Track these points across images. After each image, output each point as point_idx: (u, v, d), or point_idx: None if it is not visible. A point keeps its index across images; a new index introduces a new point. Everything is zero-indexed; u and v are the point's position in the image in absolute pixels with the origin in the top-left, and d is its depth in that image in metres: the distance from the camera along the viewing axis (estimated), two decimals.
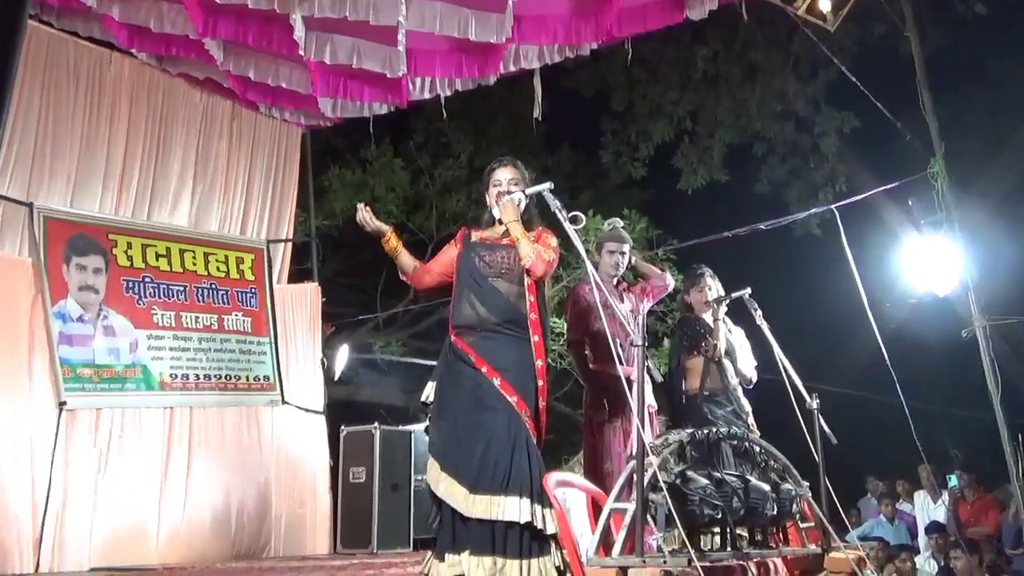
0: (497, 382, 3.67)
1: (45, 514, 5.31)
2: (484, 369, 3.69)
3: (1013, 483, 5.87)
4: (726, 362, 5.33)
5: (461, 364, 3.76)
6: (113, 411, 5.89)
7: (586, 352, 4.97)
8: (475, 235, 4.01)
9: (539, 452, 3.72)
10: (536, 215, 4.02)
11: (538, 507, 3.52)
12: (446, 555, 3.57)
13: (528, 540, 3.51)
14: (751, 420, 5.31)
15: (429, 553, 3.72)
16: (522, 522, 3.48)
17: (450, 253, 4.02)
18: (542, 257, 3.80)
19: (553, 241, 3.95)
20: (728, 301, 5.33)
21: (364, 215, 3.97)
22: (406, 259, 4.07)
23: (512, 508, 3.49)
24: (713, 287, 5.47)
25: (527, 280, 3.82)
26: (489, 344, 3.74)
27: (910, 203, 6.49)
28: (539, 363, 3.77)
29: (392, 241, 4.02)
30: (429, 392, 3.88)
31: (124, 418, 5.94)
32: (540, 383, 3.77)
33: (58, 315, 5.71)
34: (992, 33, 10.70)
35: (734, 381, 5.34)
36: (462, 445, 3.64)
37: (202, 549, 6.08)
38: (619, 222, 5.44)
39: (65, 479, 5.50)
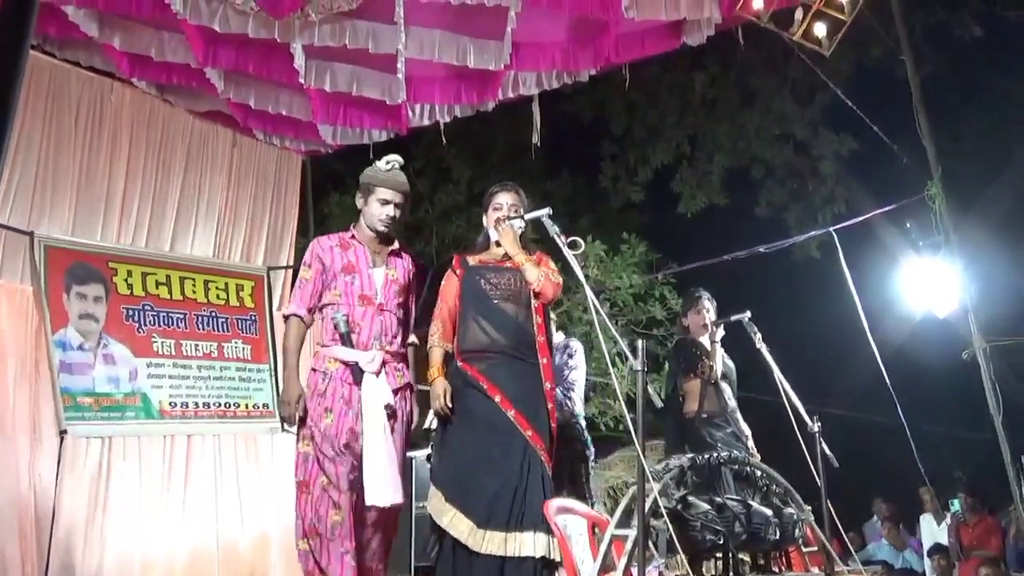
0: (511, 414, 3.66)
1: (50, 544, 5.28)
2: (497, 399, 3.68)
3: (1017, 504, 5.84)
4: (724, 384, 5.33)
5: (471, 391, 3.74)
6: (113, 439, 5.88)
7: None
8: (472, 259, 4.02)
9: (551, 482, 3.72)
10: (529, 242, 4.04)
11: (552, 539, 3.52)
12: None
13: (540, 570, 3.51)
14: (751, 443, 5.30)
15: None
16: (537, 556, 3.48)
17: (452, 284, 4.02)
18: (551, 280, 3.83)
19: (552, 265, 3.97)
20: (727, 323, 5.34)
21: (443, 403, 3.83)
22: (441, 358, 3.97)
23: (528, 544, 3.48)
24: (711, 310, 5.49)
25: (534, 303, 3.84)
26: (500, 371, 3.74)
27: (908, 225, 6.51)
28: (548, 386, 3.80)
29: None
30: (432, 419, 3.88)
31: (124, 446, 5.93)
32: (550, 406, 3.79)
33: (58, 344, 5.71)
34: (988, 55, 10.77)
35: (732, 403, 5.34)
36: (471, 477, 3.62)
37: None
38: (398, 160, 4.15)
39: (67, 509, 5.48)
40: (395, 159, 4.06)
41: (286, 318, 4.01)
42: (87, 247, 6.07)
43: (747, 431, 5.39)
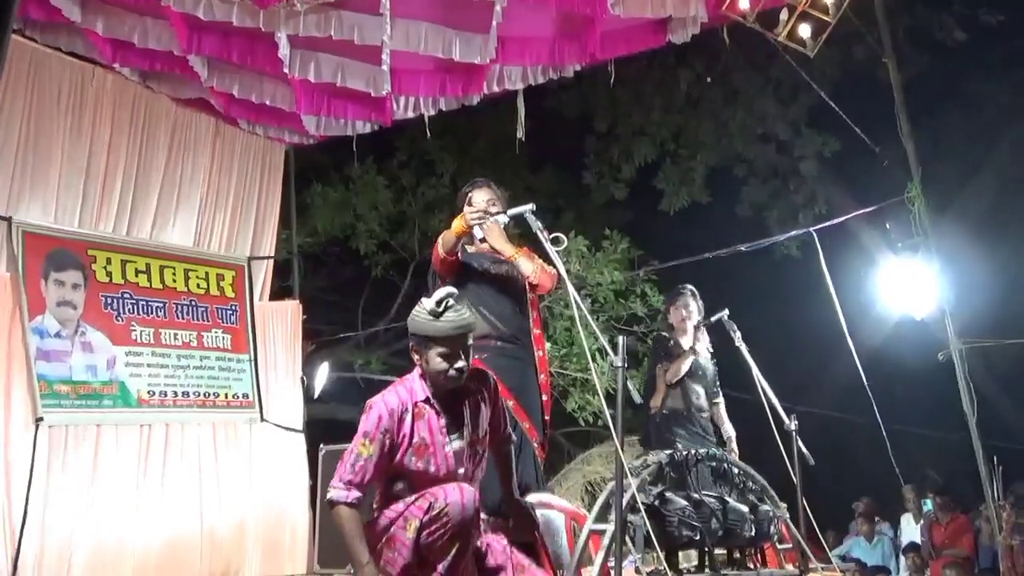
0: (511, 405, 3.69)
1: (22, 532, 5.24)
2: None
3: (989, 505, 5.91)
4: (693, 384, 5.35)
5: None
6: (90, 428, 5.84)
7: None
8: (469, 248, 4.04)
9: (543, 474, 3.76)
10: (513, 237, 4.06)
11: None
12: None
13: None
14: (733, 445, 5.33)
15: None
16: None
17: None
18: (545, 270, 3.87)
19: (538, 259, 4.00)
20: (707, 324, 5.37)
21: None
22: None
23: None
24: (692, 306, 5.51)
25: (529, 295, 3.88)
26: (500, 362, 3.77)
27: (888, 226, 6.56)
28: (542, 377, 3.85)
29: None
30: None
31: (101, 435, 5.89)
32: (544, 398, 3.84)
33: (35, 331, 5.66)
34: (970, 59, 10.86)
35: (700, 402, 5.35)
36: None
37: (178, 568, 6.02)
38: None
39: (41, 496, 5.43)
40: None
41: None
42: (66, 234, 6.01)
43: (731, 432, 5.42)
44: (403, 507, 2.94)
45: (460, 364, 3.01)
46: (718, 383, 5.59)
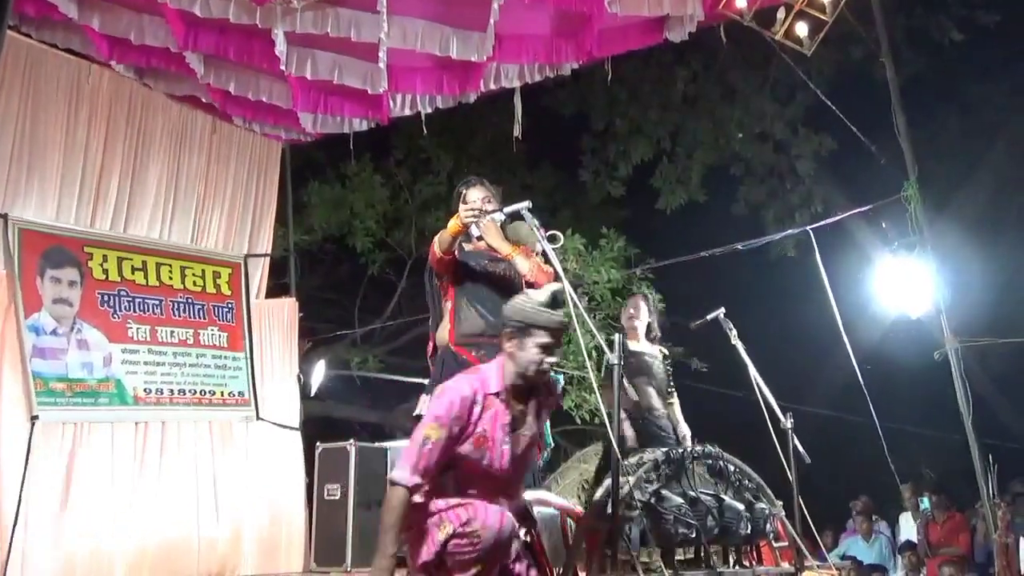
0: None
1: (14, 529, 5.23)
2: None
3: (984, 503, 5.92)
4: (644, 386, 5.34)
5: None
6: (86, 426, 5.83)
7: None
8: (466, 246, 4.03)
9: (540, 472, 3.76)
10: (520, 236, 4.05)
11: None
12: None
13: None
14: (688, 443, 5.31)
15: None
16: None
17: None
18: (542, 269, 3.87)
19: (536, 256, 4.00)
20: (703, 323, 5.36)
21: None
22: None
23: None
24: (642, 308, 5.50)
25: None
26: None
27: (884, 225, 6.57)
28: None
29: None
30: (424, 405, 3.89)
31: (97, 433, 5.88)
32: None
33: (31, 328, 5.65)
34: (966, 59, 10.88)
35: (649, 403, 5.33)
36: None
37: (174, 565, 6.02)
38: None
39: (36, 494, 5.42)
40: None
41: None
42: (62, 231, 6.00)
43: (686, 431, 5.39)
44: (445, 505, 2.97)
45: (553, 359, 3.13)
46: (672, 383, 5.57)
